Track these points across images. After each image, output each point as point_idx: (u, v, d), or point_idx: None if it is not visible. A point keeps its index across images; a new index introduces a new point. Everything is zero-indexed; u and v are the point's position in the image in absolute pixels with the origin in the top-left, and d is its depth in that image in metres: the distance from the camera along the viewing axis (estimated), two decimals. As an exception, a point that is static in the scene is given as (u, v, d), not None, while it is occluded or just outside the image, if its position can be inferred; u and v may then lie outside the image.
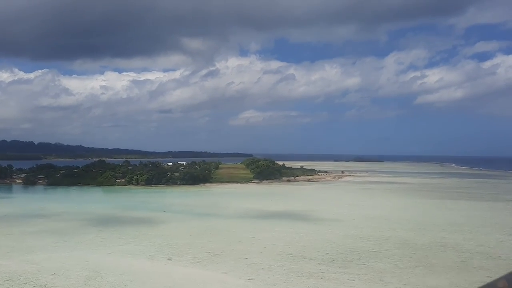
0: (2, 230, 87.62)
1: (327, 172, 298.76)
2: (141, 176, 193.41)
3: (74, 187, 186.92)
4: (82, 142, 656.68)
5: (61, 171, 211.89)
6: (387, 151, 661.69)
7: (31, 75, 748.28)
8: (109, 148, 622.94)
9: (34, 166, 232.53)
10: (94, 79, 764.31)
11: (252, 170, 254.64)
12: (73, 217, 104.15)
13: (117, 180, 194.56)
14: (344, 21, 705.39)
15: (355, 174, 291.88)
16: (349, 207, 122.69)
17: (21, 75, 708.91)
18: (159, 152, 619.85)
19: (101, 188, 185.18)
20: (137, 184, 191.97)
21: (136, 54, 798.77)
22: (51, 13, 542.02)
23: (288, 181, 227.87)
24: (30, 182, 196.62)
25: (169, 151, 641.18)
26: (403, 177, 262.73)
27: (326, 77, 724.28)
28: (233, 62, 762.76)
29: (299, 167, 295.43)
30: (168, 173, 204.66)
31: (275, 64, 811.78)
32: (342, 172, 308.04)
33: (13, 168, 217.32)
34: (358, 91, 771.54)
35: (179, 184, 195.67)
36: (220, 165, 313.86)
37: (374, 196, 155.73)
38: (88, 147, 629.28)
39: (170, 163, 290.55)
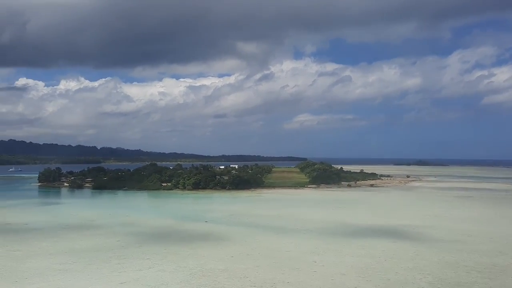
0: (11, 245, 71.99)
1: (390, 177, 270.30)
2: (188, 180, 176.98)
3: (119, 191, 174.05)
4: (141, 147, 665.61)
5: (109, 175, 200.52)
6: (450, 155, 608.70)
7: (96, 83, 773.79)
8: (166, 152, 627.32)
9: (86, 170, 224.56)
10: (153, 86, 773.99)
11: (308, 174, 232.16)
12: (99, 229, 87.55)
13: (163, 184, 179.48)
14: (404, 18, 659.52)
15: (422, 179, 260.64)
16: (433, 220, 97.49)
17: (87, 83, 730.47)
18: (213, 156, 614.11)
19: (146, 192, 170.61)
20: (184, 188, 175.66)
21: (192, 60, 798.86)
22: (111, 22, 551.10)
23: (349, 186, 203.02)
24: (76, 185, 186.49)
25: (222, 155, 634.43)
26: (480, 183, 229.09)
27: (384, 78, 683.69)
28: (288, 65, 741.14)
29: (358, 171, 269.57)
30: (217, 176, 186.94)
31: (330, 66, 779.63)
32: (408, 176, 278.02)
33: (62, 172, 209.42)
34: (419, 92, 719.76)
35: (228, 189, 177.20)
36: (273, 169, 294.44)
37: (458, 205, 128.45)
38: (147, 151, 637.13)
39: (222, 167, 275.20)
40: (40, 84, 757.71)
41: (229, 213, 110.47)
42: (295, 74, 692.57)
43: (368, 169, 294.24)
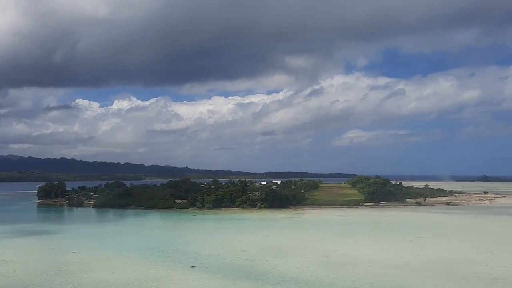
0: None
1: (464, 193, 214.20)
2: (208, 196, 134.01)
3: (126, 210, 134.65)
4: (189, 165, 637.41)
5: (116, 191, 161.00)
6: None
7: (147, 103, 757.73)
8: (213, 170, 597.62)
9: (101, 185, 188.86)
10: (202, 104, 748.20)
11: (362, 190, 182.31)
12: None
13: (177, 201, 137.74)
14: (466, 24, 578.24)
15: (506, 196, 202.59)
16: None
17: (138, 103, 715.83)
18: (259, 173, 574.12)
19: (154, 212, 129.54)
20: (202, 206, 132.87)
21: (240, 76, 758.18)
22: (158, 40, 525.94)
23: (417, 204, 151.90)
24: (76, 203, 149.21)
25: (269, 172, 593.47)
26: None
27: (440, 92, 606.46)
28: (338, 79, 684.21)
29: (422, 186, 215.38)
30: (247, 192, 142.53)
31: (383, 80, 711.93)
32: (485, 192, 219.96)
33: (66, 188, 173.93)
34: (477, 105, 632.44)
35: (260, 207, 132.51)
36: (320, 185, 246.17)
37: None
38: (194, 169, 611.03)
39: (264, 182, 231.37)
40: (95, 104, 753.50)
41: (241, 248, 65.38)
42: (345, 89, 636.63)
43: (429, 185, 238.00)
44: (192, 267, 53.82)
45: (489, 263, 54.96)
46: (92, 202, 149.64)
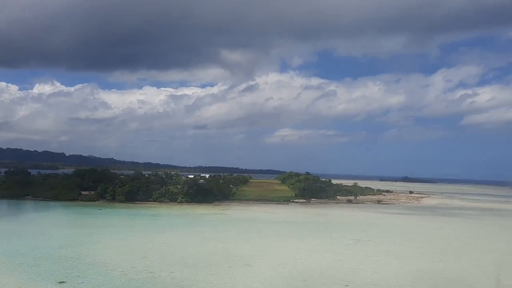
0: None
1: (391, 192, 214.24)
2: (120, 188, 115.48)
3: (21, 201, 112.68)
4: (115, 156, 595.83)
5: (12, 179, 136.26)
6: (430, 173, 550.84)
7: (71, 89, 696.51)
8: (141, 162, 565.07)
9: (1, 173, 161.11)
10: (133, 93, 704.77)
11: (292, 186, 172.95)
12: None
13: (84, 193, 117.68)
14: (395, 31, 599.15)
15: (431, 196, 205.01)
16: None
17: (62, 88, 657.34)
18: (189, 167, 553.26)
19: (55, 203, 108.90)
20: (113, 199, 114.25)
21: (173, 66, 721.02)
22: (86, 21, 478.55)
23: (349, 201, 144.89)
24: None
25: (199, 166, 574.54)
26: (499, 203, 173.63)
27: (368, 95, 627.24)
28: (273, 77, 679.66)
29: (351, 184, 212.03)
30: (167, 185, 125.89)
31: (316, 81, 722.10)
32: (411, 192, 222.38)
33: None
34: (401, 110, 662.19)
35: (180, 202, 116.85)
36: (250, 180, 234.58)
37: None
38: (120, 160, 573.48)
39: (191, 176, 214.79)
40: (13, 87, 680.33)
41: (140, 252, 49.92)
42: (280, 87, 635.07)
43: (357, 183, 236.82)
44: (61, 282, 37.65)
45: (446, 275, 44.89)
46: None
